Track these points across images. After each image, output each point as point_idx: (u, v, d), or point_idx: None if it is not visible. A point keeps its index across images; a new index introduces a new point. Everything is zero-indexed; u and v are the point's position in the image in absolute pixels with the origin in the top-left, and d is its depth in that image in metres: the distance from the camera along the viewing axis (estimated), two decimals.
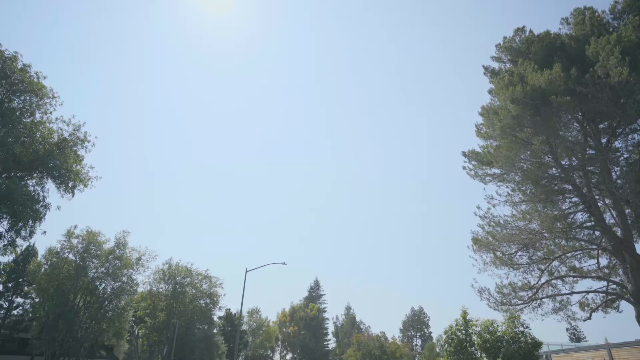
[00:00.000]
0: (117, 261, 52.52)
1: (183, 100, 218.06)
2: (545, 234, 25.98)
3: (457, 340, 39.91)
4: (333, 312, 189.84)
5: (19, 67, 23.82)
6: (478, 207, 26.61)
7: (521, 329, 32.74)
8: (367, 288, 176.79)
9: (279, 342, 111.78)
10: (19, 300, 53.98)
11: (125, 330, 55.75)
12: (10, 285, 53.17)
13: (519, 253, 30.55)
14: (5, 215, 21.33)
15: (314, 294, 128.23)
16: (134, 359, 71.80)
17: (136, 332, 70.00)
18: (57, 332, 46.11)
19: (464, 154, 27.55)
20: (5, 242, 22.42)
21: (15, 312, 53.23)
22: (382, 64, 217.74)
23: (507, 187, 26.71)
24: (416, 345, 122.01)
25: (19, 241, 22.62)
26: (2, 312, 52.03)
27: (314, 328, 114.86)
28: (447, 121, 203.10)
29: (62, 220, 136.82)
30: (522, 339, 32.16)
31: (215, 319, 71.46)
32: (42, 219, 22.82)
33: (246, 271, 33.22)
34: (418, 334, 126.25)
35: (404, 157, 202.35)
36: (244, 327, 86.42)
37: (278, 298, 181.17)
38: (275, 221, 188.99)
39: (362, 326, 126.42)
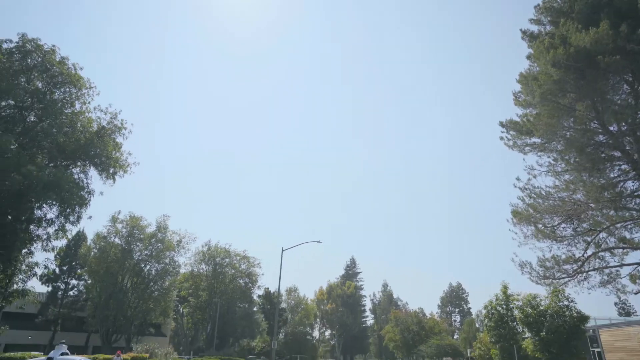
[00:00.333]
0: (160, 244, 54.83)
1: (209, 86, 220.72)
2: (591, 205, 24.72)
3: (497, 315, 39.46)
4: (370, 289, 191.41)
5: (57, 59, 24.59)
6: (517, 179, 25.59)
7: (566, 303, 31.87)
8: (404, 265, 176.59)
9: (318, 319, 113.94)
10: (74, 282, 57.57)
11: (171, 309, 58.39)
12: (65, 268, 56.68)
13: (563, 225, 29.32)
14: (54, 202, 22.44)
15: (350, 272, 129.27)
16: (181, 336, 75.14)
17: (181, 310, 73.09)
18: (109, 311, 48.88)
19: (501, 124, 26.39)
20: (56, 227, 23.66)
21: (71, 293, 56.87)
22: (408, 37, 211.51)
23: (548, 156, 25.47)
24: (455, 321, 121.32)
25: (68, 226, 23.84)
26: (60, 293, 55.64)
27: (351, 305, 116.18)
28: (481, 92, 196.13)
29: (104, 206, 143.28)
30: (567, 313, 31.32)
31: (254, 297, 73.52)
32: (88, 205, 23.84)
33: (282, 250, 33.72)
34: (457, 309, 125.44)
35: (438, 131, 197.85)
36: (283, 305, 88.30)
37: (315, 277, 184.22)
38: (310, 202, 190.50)
39: (399, 303, 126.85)
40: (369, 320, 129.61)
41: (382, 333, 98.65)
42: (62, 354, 13.85)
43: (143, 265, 54.23)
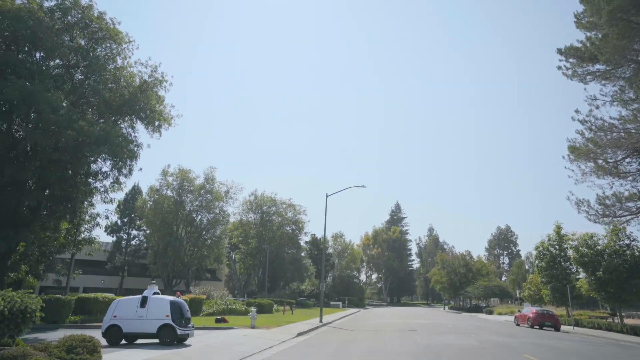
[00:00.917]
0: (209, 195, 57.13)
1: (246, 32, 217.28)
2: None
3: (549, 256, 38.42)
4: (415, 234, 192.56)
5: (95, 15, 24.59)
6: (577, 111, 23.74)
7: (627, 241, 30.32)
8: (450, 209, 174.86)
9: (364, 264, 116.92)
10: (134, 232, 62.05)
11: (224, 256, 61.68)
12: (125, 220, 61.04)
13: (627, 160, 27.30)
14: (107, 156, 23.43)
15: (395, 217, 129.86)
16: (234, 281, 79.73)
17: (233, 257, 77.04)
18: (168, 258, 52.42)
19: (559, 51, 24.12)
20: (111, 180, 24.91)
21: (133, 242, 61.55)
22: None
23: (614, 85, 23.21)
24: (503, 263, 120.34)
25: (121, 179, 24.99)
26: (123, 242, 60.28)
27: (397, 250, 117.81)
28: (530, 21, 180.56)
29: (155, 160, 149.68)
30: (627, 252, 29.86)
31: (302, 243, 75.89)
32: (137, 158, 24.71)
33: (326, 196, 33.85)
34: (505, 252, 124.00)
35: (485, 66, 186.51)
36: (330, 250, 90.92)
37: (360, 223, 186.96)
38: (354, 148, 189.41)
39: (445, 246, 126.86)
40: (415, 263, 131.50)
41: (428, 276, 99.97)
42: (154, 293, 15.19)
43: (195, 215, 56.92)
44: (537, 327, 30.55)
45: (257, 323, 23.38)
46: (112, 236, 60.57)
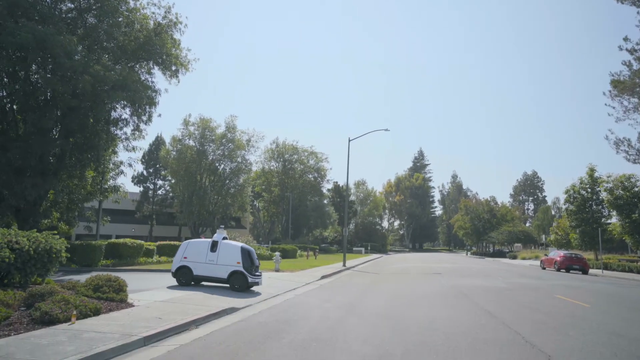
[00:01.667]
0: (230, 144, 57.08)
1: None
2: None
3: (580, 199, 37.29)
4: (438, 180, 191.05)
5: None
6: (625, 39, 21.74)
7: None
8: (474, 155, 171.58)
9: (386, 211, 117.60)
10: (160, 182, 63.38)
11: (247, 204, 62.63)
12: (151, 170, 62.29)
13: None
14: (125, 103, 23.16)
15: (419, 164, 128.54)
16: (259, 228, 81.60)
17: (257, 205, 78.30)
18: (193, 207, 53.55)
19: None
20: (132, 128, 24.83)
21: (159, 192, 63.09)
22: None
23: None
24: (528, 209, 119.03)
25: (142, 126, 24.85)
26: (150, 192, 61.85)
27: (419, 197, 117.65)
28: None
29: (176, 110, 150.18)
30: None
31: (324, 191, 76.19)
32: (156, 104, 24.36)
33: (349, 140, 33.14)
34: (530, 198, 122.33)
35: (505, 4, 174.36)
36: (352, 197, 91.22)
37: (383, 170, 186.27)
38: (377, 97, 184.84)
39: (469, 193, 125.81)
40: (438, 210, 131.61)
41: (451, 222, 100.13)
42: (223, 238, 15.18)
43: (217, 164, 57.32)
44: (564, 270, 30.16)
45: (281, 267, 23.70)
46: (139, 186, 62.18)
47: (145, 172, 62.36)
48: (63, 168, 23.34)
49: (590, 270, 30.54)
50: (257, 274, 14.86)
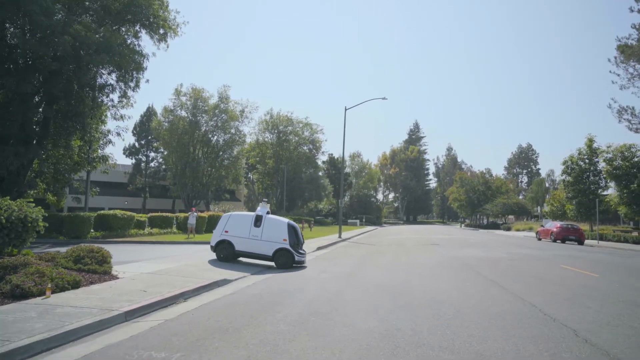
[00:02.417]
0: (224, 115, 55.81)
1: None
2: None
3: (578, 170, 36.85)
4: (433, 153, 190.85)
5: None
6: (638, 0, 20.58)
7: None
8: (469, 128, 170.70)
9: (381, 183, 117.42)
10: (152, 154, 62.20)
11: (242, 176, 61.94)
12: (143, 142, 61.00)
13: None
14: (110, 67, 21.98)
15: (414, 137, 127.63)
16: (253, 200, 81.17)
17: (251, 177, 77.60)
18: (186, 179, 52.76)
19: None
20: (119, 94, 23.73)
21: (152, 164, 61.98)
22: None
23: None
24: (521, 182, 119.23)
25: (129, 93, 23.73)
26: (142, 164, 60.76)
27: (414, 169, 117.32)
28: None
29: (167, 81, 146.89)
30: None
31: (319, 163, 75.52)
32: (144, 69, 23.20)
33: (345, 109, 32.14)
34: (524, 171, 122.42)
35: None
36: (347, 170, 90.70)
37: (378, 143, 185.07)
38: (373, 69, 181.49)
39: (463, 166, 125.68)
40: (432, 183, 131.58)
41: (446, 194, 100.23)
42: (267, 213, 14.29)
43: (211, 135, 56.24)
44: (560, 241, 30.01)
45: None
46: (131, 158, 61.06)
47: (137, 144, 61.10)
48: (47, 136, 22.35)
49: (586, 241, 30.44)
50: (302, 251, 14.14)
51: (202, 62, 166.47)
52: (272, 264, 13.46)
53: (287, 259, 13.57)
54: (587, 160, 36.28)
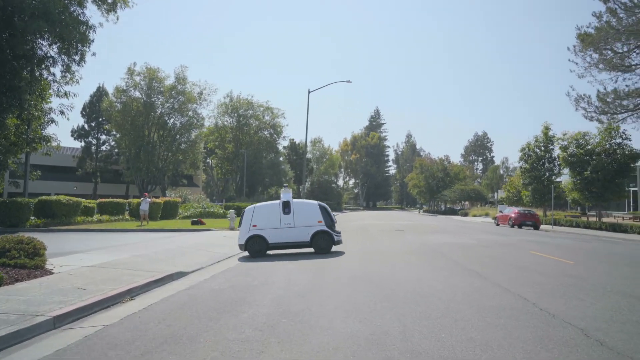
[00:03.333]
0: (181, 96, 53.25)
1: None
2: None
3: (534, 157, 37.94)
4: (393, 140, 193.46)
5: None
6: None
7: (619, 140, 29.54)
8: (428, 115, 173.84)
9: (342, 169, 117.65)
10: (104, 137, 58.50)
11: (200, 161, 59.62)
12: (93, 124, 57.16)
13: (636, 51, 25.27)
14: (50, 37, 19.73)
15: (375, 123, 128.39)
16: (212, 186, 78.85)
17: (210, 162, 75.13)
18: (141, 163, 50.06)
19: None
20: (61, 68, 21.40)
21: (103, 147, 58.33)
22: None
23: None
24: (477, 169, 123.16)
25: (73, 67, 21.46)
26: (93, 148, 57.06)
27: (375, 155, 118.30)
28: None
29: (119, 60, 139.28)
30: (618, 151, 29.24)
31: (280, 148, 74.19)
32: (90, 42, 21.03)
33: (309, 92, 31.22)
34: (480, 158, 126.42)
35: None
36: (308, 155, 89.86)
37: (339, 129, 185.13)
38: (335, 54, 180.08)
39: (422, 153, 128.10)
40: (392, 169, 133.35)
41: (405, 180, 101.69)
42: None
43: (167, 118, 53.64)
44: (517, 226, 30.72)
45: (236, 225, 22.10)
46: (80, 141, 57.13)
47: (86, 126, 57.11)
48: None
49: (541, 226, 31.36)
50: (338, 231, 13.54)
51: (158, 41, 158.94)
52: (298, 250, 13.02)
53: (327, 242, 13.11)
54: (542, 148, 37.34)
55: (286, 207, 13.22)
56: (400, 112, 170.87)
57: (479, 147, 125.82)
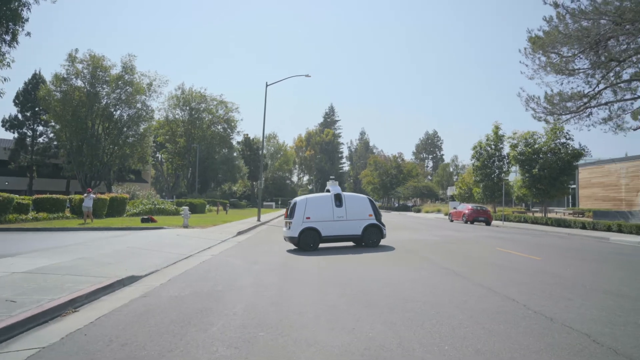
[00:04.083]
0: (128, 87, 50.28)
1: None
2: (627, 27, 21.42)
3: (486, 155, 39.31)
4: (347, 137, 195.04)
5: None
6: None
7: (563, 140, 31.11)
8: (382, 112, 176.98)
9: (296, 165, 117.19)
10: (41, 128, 53.87)
11: (149, 155, 56.63)
12: (28, 114, 52.45)
13: (580, 56, 26.57)
14: None
15: (329, 120, 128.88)
16: (162, 182, 75.59)
17: (160, 157, 71.89)
18: (83, 157, 46.78)
19: None
20: None
21: (40, 139, 53.70)
22: None
23: None
24: (427, 167, 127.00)
25: (4, 48, 19.26)
26: (28, 139, 52.45)
27: (329, 152, 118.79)
28: None
29: (59, 44, 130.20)
30: (562, 150, 30.78)
31: (234, 143, 72.43)
32: (23, 20, 18.95)
33: (266, 85, 30.29)
34: (430, 156, 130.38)
35: None
36: (263, 151, 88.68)
37: (294, 125, 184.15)
38: (289, 50, 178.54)
39: (375, 150, 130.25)
40: (346, 166, 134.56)
41: (359, 177, 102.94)
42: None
43: (113, 109, 50.44)
44: (470, 222, 31.59)
45: (190, 222, 20.95)
46: (13, 132, 52.25)
47: (20, 116, 52.25)
48: None
49: (493, 222, 32.46)
50: (384, 224, 13.72)
51: (104, 30, 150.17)
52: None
53: (377, 236, 13.32)
54: (493, 146, 38.73)
55: (338, 199, 13.23)
56: (354, 109, 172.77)
57: (430, 145, 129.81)
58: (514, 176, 37.12)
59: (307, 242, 12.57)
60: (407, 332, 4.46)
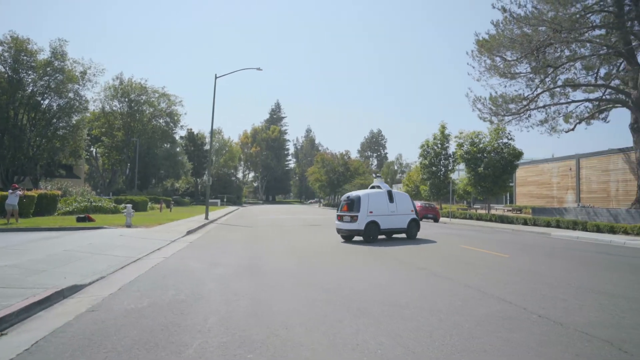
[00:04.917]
0: (59, 74, 45.97)
1: None
2: (563, 35, 22.67)
3: (433, 154, 40.39)
4: (293, 134, 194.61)
5: None
6: None
7: (505, 140, 32.57)
8: (327, 110, 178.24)
9: (242, 162, 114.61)
10: None
11: (82, 150, 52.38)
12: None
13: (522, 60, 27.91)
14: None
15: (275, 117, 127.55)
16: (97, 178, 70.64)
17: (94, 152, 67.02)
18: (5, 150, 42.25)
19: None
20: None
21: None
22: None
23: None
24: (372, 164, 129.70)
25: None
26: None
27: (275, 149, 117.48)
28: None
29: None
30: (504, 150, 32.23)
31: (177, 138, 69.20)
32: None
33: (215, 77, 28.96)
34: (375, 154, 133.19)
35: None
36: (208, 146, 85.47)
37: (239, 121, 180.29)
38: (238, 45, 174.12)
39: (320, 148, 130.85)
40: (292, 163, 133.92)
41: (306, 174, 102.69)
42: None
43: (40, 98, 45.93)
44: (420, 219, 32.17)
45: (133, 221, 19.35)
46: None
47: None
48: None
49: (440, 219, 33.35)
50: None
51: (33, 10, 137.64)
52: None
53: (416, 229, 14.74)
54: (440, 145, 39.86)
55: (391, 195, 14.38)
56: (301, 106, 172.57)
57: (374, 143, 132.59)
58: (458, 174, 38.45)
59: (370, 234, 13.68)
60: (419, 347, 3.93)
